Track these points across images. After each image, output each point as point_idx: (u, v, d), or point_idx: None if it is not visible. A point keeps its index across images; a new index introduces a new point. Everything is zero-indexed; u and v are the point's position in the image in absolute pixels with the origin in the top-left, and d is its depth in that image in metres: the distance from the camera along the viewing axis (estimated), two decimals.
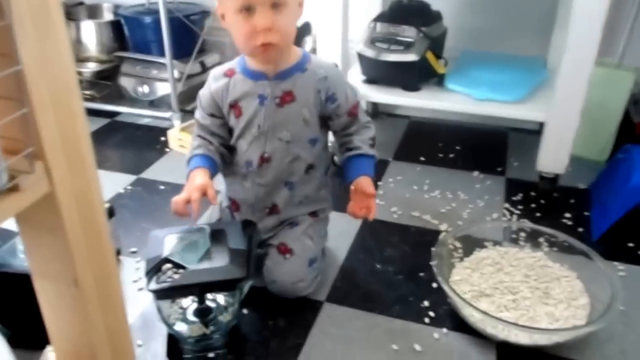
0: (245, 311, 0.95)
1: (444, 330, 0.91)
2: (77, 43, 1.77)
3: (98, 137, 1.59)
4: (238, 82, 0.92)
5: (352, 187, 0.93)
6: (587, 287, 0.95)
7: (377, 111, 1.72)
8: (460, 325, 0.91)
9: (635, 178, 1.06)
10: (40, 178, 0.42)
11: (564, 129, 1.16)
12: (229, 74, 0.93)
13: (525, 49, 1.50)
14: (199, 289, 0.84)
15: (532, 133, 1.52)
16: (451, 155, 1.48)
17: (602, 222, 1.12)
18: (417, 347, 0.88)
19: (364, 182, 0.91)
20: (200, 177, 0.90)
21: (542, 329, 0.87)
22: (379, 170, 1.40)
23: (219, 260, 0.82)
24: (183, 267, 0.81)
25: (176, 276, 0.80)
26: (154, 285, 0.80)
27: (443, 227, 1.17)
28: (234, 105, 0.93)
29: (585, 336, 0.87)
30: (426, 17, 1.33)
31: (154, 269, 0.81)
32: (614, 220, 1.08)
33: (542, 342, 0.86)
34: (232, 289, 0.85)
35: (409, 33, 1.30)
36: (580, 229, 1.17)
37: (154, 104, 1.70)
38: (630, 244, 1.12)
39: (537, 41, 1.49)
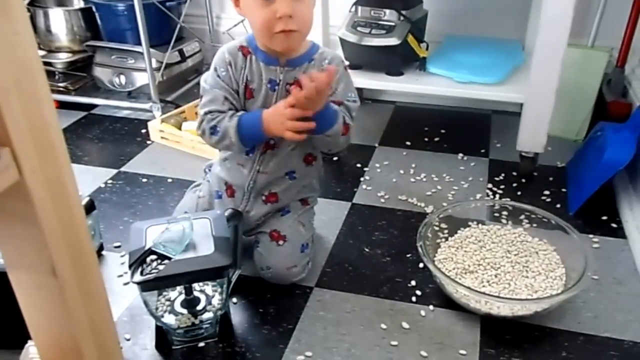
0: (234, 300, 1.03)
1: (431, 307, 1.02)
2: (47, 32, 1.79)
3: (74, 131, 1.64)
4: (253, 63, 0.97)
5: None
6: (563, 259, 1.08)
7: (362, 97, 1.82)
8: (445, 301, 1.02)
9: (607, 153, 1.19)
10: (7, 165, 0.43)
11: (540, 109, 1.28)
12: (245, 51, 0.97)
13: (503, 33, 1.63)
14: (186, 279, 0.88)
15: (514, 115, 1.63)
16: (436, 139, 1.60)
17: (577, 197, 1.26)
18: (405, 324, 0.98)
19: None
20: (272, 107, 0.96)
21: (521, 299, 1.00)
22: (366, 155, 1.51)
23: (204, 249, 0.86)
24: (168, 258, 0.84)
25: (161, 267, 0.83)
26: (138, 277, 0.83)
27: (429, 209, 1.29)
28: (246, 86, 0.98)
29: (562, 305, 1.00)
30: (407, 1, 1.43)
31: (138, 261, 0.85)
32: (588, 194, 1.21)
33: (522, 313, 0.97)
34: (219, 277, 0.90)
35: (390, 17, 1.40)
36: (558, 205, 1.30)
37: (132, 95, 1.75)
38: (604, 217, 1.25)
39: (514, 25, 1.61)
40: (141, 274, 0.84)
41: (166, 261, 0.85)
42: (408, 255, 1.14)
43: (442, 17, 1.64)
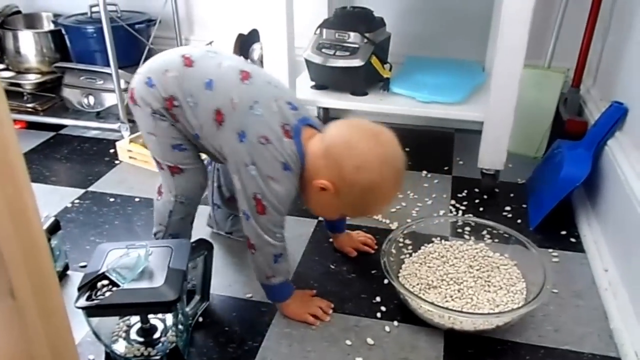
0: (200, 319, 1.00)
1: (395, 323, 1.00)
2: (16, 54, 1.78)
3: (42, 151, 1.62)
4: None
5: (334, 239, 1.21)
6: (524, 274, 1.07)
7: (329, 117, 1.81)
8: (410, 317, 1.01)
9: (565, 170, 1.20)
10: None
11: (500, 127, 1.29)
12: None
13: (464, 54, 1.65)
14: (129, 310, 0.85)
15: (476, 133, 1.64)
16: None
17: (537, 213, 1.26)
18: (370, 340, 0.96)
19: (352, 240, 1.20)
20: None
21: (483, 314, 0.98)
22: None
23: (156, 280, 0.82)
24: (118, 285, 0.81)
25: (108, 294, 0.80)
26: (81, 302, 0.80)
27: (394, 225, 1.28)
28: None
29: (523, 318, 0.99)
30: (370, 24, 1.44)
31: (87, 285, 0.82)
32: (548, 210, 1.21)
33: (485, 327, 0.96)
34: (165, 312, 0.87)
35: (354, 39, 1.41)
36: (519, 221, 1.30)
37: (101, 115, 1.73)
38: (563, 232, 1.25)
39: (474, 46, 1.64)
40: (88, 298, 0.80)
41: (115, 288, 0.81)
42: (373, 272, 1.13)
43: (406, 40, 1.65)
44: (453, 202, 1.38)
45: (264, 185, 0.90)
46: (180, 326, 0.89)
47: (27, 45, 1.78)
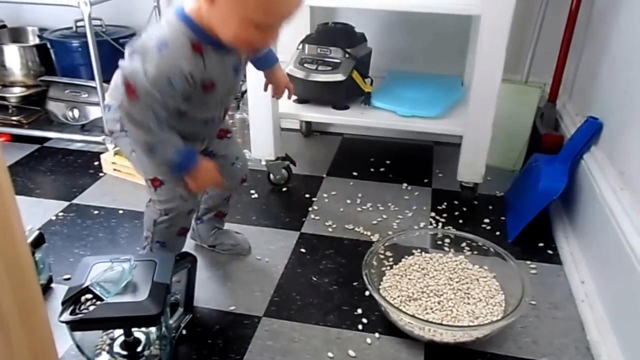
0: (184, 332, 0.98)
1: (376, 335, 0.99)
2: (1, 67, 1.75)
3: (27, 164, 1.59)
4: (213, 58, 0.87)
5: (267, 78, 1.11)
6: (503, 286, 1.06)
7: (311, 130, 1.81)
8: (391, 329, 0.99)
9: (542, 184, 1.20)
10: None
11: (478, 141, 1.29)
12: (198, 49, 0.85)
13: (443, 69, 1.65)
14: (113, 324, 0.84)
15: (455, 146, 1.64)
16: (382, 170, 1.59)
17: (516, 225, 1.25)
18: (351, 352, 0.95)
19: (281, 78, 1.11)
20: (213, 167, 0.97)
21: (462, 326, 0.97)
22: (314, 186, 1.48)
23: (140, 294, 0.81)
24: (101, 299, 0.80)
25: (92, 308, 0.79)
26: (65, 317, 0.79)
27: (375, 237, 1.26)
28: (208, 81, 0.88)
29: (502, 330, 0.98)
30: (351, 39, 1.43)
31: (71, 299, 0.80)
32: (526, 222, 1.21)
33: (464, 339, 0.95)
34: (148, 326, 0.85)
35: (335, 54, 1.40)
36: (498, 233, 1.29)
37: (86, 128, 1.70)
38: (541, 244, 1.25)
39: (454, 61, 1.63)
40: (72, 312, 0.78)
41: (99, 302, 0.80)
42: (355, 284, 1.11)
43: (386, 55, 1.65)
44: (433, 214, 1.37)
45: (140, 66, 0.82)
46: (163, 339, 0.88)
47: (13, 59, 1.74)
